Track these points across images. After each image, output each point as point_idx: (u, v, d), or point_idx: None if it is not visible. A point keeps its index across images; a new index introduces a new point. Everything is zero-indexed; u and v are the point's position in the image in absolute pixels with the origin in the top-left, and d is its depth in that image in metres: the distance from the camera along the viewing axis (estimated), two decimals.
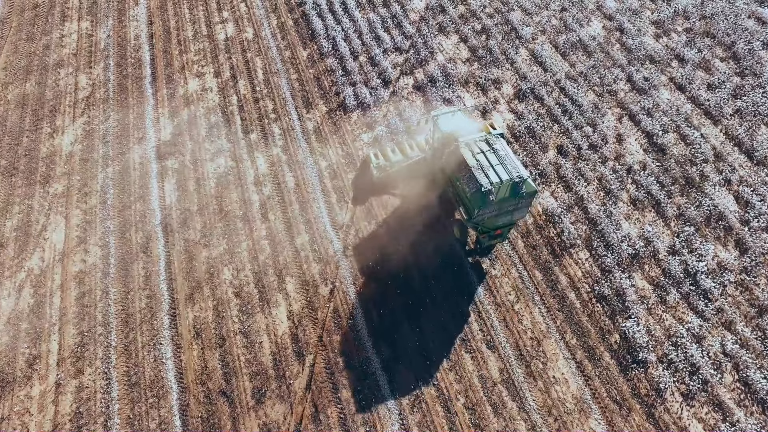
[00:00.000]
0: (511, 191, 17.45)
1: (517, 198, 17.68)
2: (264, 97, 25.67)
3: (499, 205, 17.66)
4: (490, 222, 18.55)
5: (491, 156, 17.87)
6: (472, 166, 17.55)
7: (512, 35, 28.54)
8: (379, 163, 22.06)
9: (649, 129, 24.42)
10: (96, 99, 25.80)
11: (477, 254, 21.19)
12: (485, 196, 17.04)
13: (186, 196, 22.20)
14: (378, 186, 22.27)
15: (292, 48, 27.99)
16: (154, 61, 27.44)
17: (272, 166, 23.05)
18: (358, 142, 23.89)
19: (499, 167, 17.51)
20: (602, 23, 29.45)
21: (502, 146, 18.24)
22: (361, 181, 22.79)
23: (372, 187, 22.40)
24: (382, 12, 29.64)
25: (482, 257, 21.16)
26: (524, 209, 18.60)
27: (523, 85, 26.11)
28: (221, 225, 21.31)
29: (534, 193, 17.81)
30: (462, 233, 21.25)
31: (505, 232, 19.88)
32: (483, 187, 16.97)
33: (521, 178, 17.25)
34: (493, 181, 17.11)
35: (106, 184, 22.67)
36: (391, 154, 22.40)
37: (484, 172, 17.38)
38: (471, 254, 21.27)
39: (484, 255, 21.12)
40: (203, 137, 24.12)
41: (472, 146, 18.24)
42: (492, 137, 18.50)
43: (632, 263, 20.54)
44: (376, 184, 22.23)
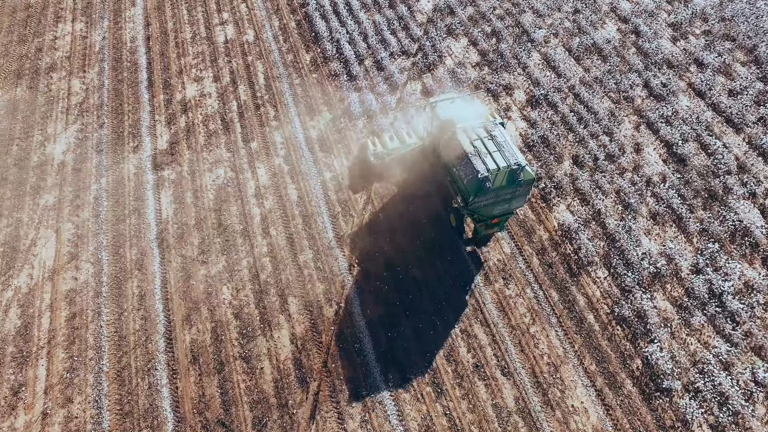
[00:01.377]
0: (508, 179, 17.02)
1: (514, 186, 17.23)
2: (265, 104, 24.38)
3: (495, 192, 17.23)
4: (487, 210, 18.06)
5: (489, 143, 17.47)
6: (468, 152, 17.14)
7: (524, 38, 27.19)
8: (377, 151, 21.44)
9: (668, 138, 23.14)
10: (90, 105, 24.50)
11: (474, 244, 20.39)
12: (482, 183, 16.60)
13: (183, 209, 20.96)
14: (375, 174, 21.51)
15: (294, 51, 26.66)
16: (151, 65, 26.11)
17: (274, 177, 21.79)
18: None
19: (496, 154, 17.14)
20: (617, 25, 28.10)
21: (500, 133, 17.82)
22: (358, 168, 22.07)
23: (369, 175, 21.66)
24: (388, 13, 28.29)
25: (479, 247, 20.37)
26: (522, 198, 18.10)
27: (536, 91, 24.79)
28: (220, 240, 20.08)
29: (532, 181, 17.37)
30: (458, 221, 20.42)
31: (503, 222, 19.19)
32: (479, 173, 16.53)
33: (519, 166, 16.83)
34: (490, 167, 16.74)
35: (100, 195, 21.41)
36: (388, 142, 21.76)
37: (481, 159, 16.98)
38: (467, 243, 20.48)
39: (482, 245, 20.37)
40: (201, 146, 22.84)
41: (470, 132, 17.85)
42: (490, 124, 18.07)
43: (653, 282, 19.31)
44: (372, 172, 21.48)
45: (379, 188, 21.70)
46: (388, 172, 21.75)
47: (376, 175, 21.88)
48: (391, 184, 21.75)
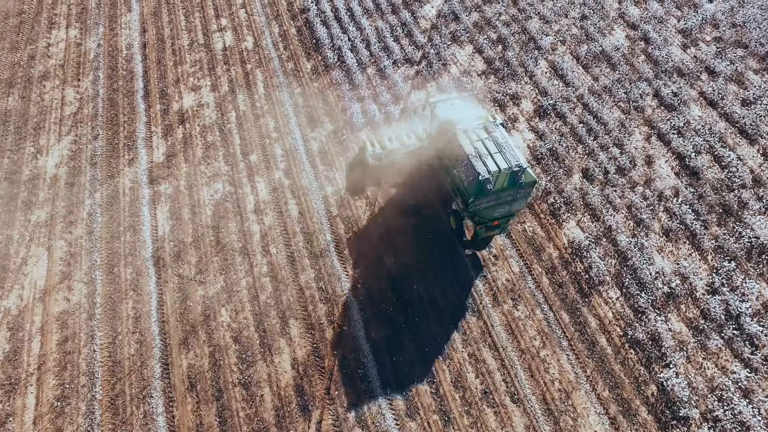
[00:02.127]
0: (509, 181, 16.72)
1: (515, 188, 16.91)
2: (265, 114, 23.51)
3: (496, 194, 16.88)
4: (487, 213, 17.67)
5: (489, 144, 17.19)
6: (469, 153, 16.83)
7: (530, 45, 26.33)
8: (375, 152, 20.80)
9: (680, 150, 22.32)
10: (84, 115, 23.62)
11: (474, 247, 19.74)
12: (482, 185, 16.33)
13: (180, 225, 20.13)
14: (374, 176, 20.92)
15: (295, 59, 25.78)
16: (147, 74, 25.22)
17: (274, 192, 20.95)
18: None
19: (497, 155, 16.85)
20: (625, 32, 27.25)
21: (501, 134, 17.53)
22: (357, 170, 21.44)
23: (367, 177, 21.05)
24: (391, 19, 27.41)
25: (479, 250, 19.67)
26: (523, 200, 17.77)
27: (544, 100, 23.95)
28: (218, 259, 19.26)
29: (533, 183, 17.08)
30: (458, 224, 19.83)
31: (503, 224, 18.75)
32: (480, 175, 16.25)
33: (520, 167, 16.53)
34: (491, 169, 16.45)
35: (94, 211, 20.56)
36: (387, 142, 21.11)
37: (481, 160, 16.68)
38: (467, 247, 19.81)
39: (481, 248, 19.68)
40: (199, 159, 21.99)
41: (470, 134, 17.53)
42: (491, 125, 17.80)
43: (667, 303, 18.54)
44: (371, 174, 20.91)
45: (378, 191, 21.02)
46: (387, 173, 21.04)
47: (375, 177, 21.15)
48: (390, 186, 21.06)
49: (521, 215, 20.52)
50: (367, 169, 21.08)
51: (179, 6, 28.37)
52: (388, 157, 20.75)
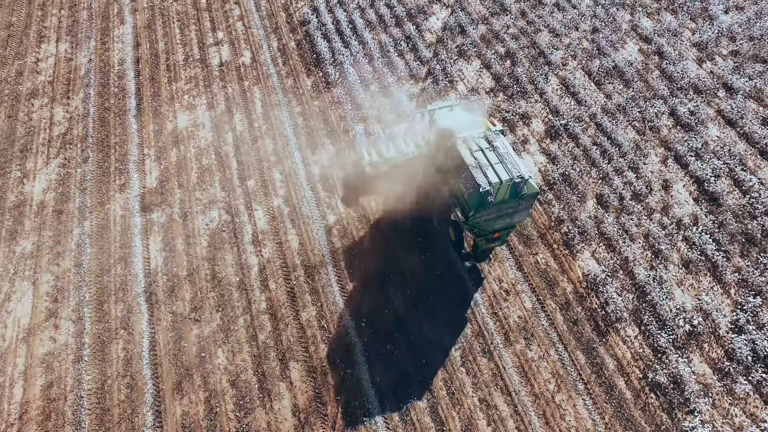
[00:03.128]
0: (511, 192, 15.96)
1: (517, 199, 16.14)
2: (263, 135, 22.24)
3: (498, 206, 16.15)
4: (488, 225, 16.94)
5: (490, 154, 16.45)
6: (469, 164, 16.13)
7: (540, 60, 25.04)
8: (372, 160, 19.79)
9: (698, 173, 21.10)
10: (73, 136, 22.32)
11: (474, 259, 18.87)
12: (483, 197, 15.60)
13: (174, 257, 18.90)
14: (371, 185, 19.95)
15: (294, 75, 24.47)
16: (140, 91, 23.90)
17: (273, 221, 19.72)
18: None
19: (498, 166, 16.13)
20: (638, 45, 25.96)
21: (502, 143, 16.79)
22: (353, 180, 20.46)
23: (364, 187, 20.07)
24: (395, 33, 26.08)
25: (479, 262, 18.90)
26: (525, 211, 17.08)
27: (555, 120, 22.71)
28: (214, 295, 18.06)
29: (536, 195, 16.42)
30: (457, 235, 18.82)
31: (504, 236, 18.01)
32: (481, 187, 15.53)
33: (522, 179, 15.78)
34: (492, 181, 15.75)
35: (83, 242, 19.32)
36: (384, 150, 20.04)
37: (482, 172, 15.97)
38: (466, 259, 18.86)
39: (481, 260, 18.89)
40: (194, 184, 20.73)
41: (470, 143, 16.78)
42: (492, 134, 17.11)
43: (689, 342, 17.41)
44: (368, 184, 19.95)
45: (376, 205, 20.06)
46: (384, 182, 19.94)
47: (373, 187, 20.11)
48: (388, 196, 19.99)
49: (534, 248, 19.34)
50: (364, 178, 20.04)
51: (174, 18, 27.02)
52: (385, 165, 19.80)
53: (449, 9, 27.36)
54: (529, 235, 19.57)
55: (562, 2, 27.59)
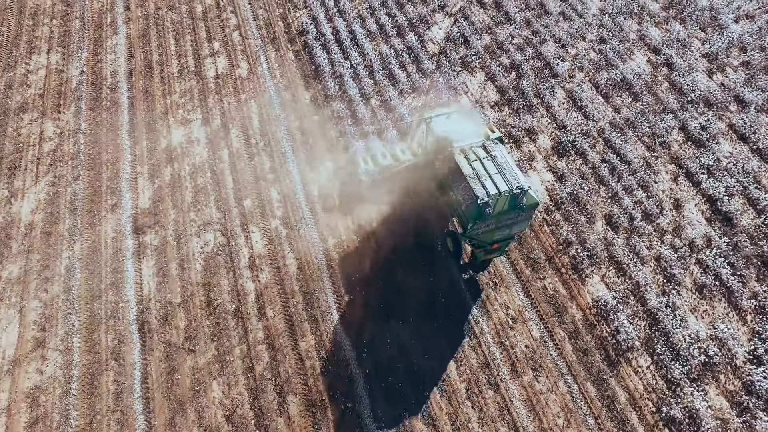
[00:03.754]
0: (510, 203, 15.53)
1: (516, 211, 15.71)
2: (260, 152, 21.37)
3: (496, 218, 15.71)
4: (487, 236, 16.51)
5: (489, 164, 15.93)
6: (467, 175, 15.66)
7: (546, 72, 24.14)
8: (368, 169, 18.94)
9: (710, 192, 20.27)
10: (64, 153, 21.42)
11: (471, 270, 18.45)
12: (481, 209, 15.15)
13: (167, 283, 18.06)
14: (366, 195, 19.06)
15: (292, 88, 23.56)
16: (133, 105, 22.99)
17: (270, 244, 18.87)
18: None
19: (497, 176, 15.66)
20: (647, 56, 25.07)
21: (500, 153, 16.34)
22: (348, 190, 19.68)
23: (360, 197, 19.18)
24: (396, 43, 25.17)
25: (477, 273, 18.42)
26: (524, 222, 16.69)
27: (563, 136, 21.86)
28: (209, 323, 17.24)
29: (535, 206, 15.95)
30: (455, 246, 18.27)
31: (503, 247, 17.60)
32: (479, 198, 15.11)
33: (521, 189, 15.34)
34: (490, 192, 15.26)
35: (72, 266, 18.46)
36: (380, 158, 19.16)
37: (480, 182, 15.50)
38: (465, 270, 18.46)
39: (480, 271, 18.47)
40: (188, 204, 19.86)
41: (468, 153, 16.30)
42: (490, 143, 16.66)
43: (705, 373, 16.63)
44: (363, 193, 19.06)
45: (374, 215, 19.39)
46: (380, 192, 19.13)
47: (369, 197, 19.29)
48: (386, 207, 19.33)
49: (542, 272, 18.52)
50: (360, 188, 19.18)
51: (169, 28, 26.07)
52: (381, 174, 18.96)
53: (452, 18, 26.45)
54: (536, 259, 18.74)
55: (568, 11, 26.69)
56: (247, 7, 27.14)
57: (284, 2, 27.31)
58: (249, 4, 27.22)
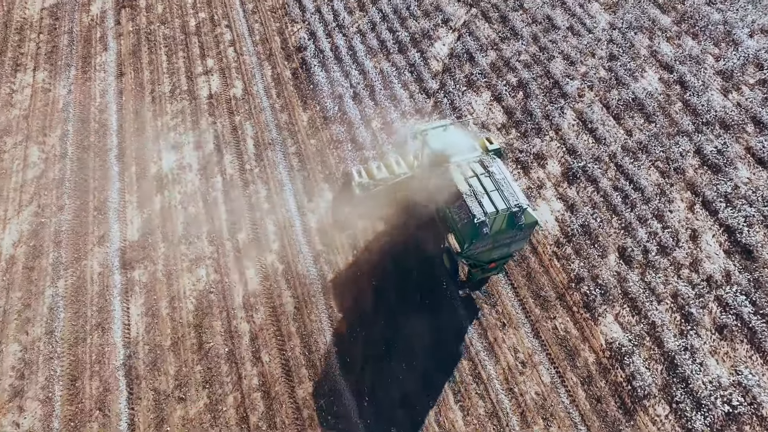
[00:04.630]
0: (508, 222, 14.78)
1: (515, 230, 14.94)
2: (255, 179, 20.17)
3: (494, 237, 14.99)
4: (484, 255, 15.80)
5: (486, 180, 15.17)
6: (464, 192, 14.93)
7: (555, 92, 22.93)
8: (362, 182, 18.29)
9: (729, 222, 19.12)
10: (49, 180, 20.21)
11: (468, 288, 17.73)
12: (478, 228, 14.39)
13: (157, 324, 16.91)
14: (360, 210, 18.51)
15: (289, 109, 22.34)
16: (123, 128, 21.74)
17: (266, 281, 17.71)
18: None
19: (494, 194, 14.87)
20: (659, 74, 23.85)
21: (498, 169, 15.53)
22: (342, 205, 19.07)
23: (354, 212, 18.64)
24: (398, 60, 23.91)
25: (474, 291, 17.73)
26: (522, 241, 15.95)
27: (573, 161, 20.69)
28: (201, 368, 16.09)
29: (534, 224, 15.12)
30: (452, 263, 17.70)
31: (501, 265, 16.99)
32: (476, 217, 14.33)
33: (520, 208, 14.58)
34: (487, 210, 14.47)
35: (56, 305, 17.30)
36: (375, 171, 18.59)
37: (477, 200, 14.72)
38: (462, 287, 17.75)
39: (477, 288, 17.79)
40: (179, 237, 18.67)
41: (465, 168, 15.54)
42: (488, 158, 15.83)
43: (728, 425, 15.55)
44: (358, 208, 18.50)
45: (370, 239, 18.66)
46: (375, 206, 18.47)
47: (364, 212, 18.64)
48: (380, 221, 18.74)
49: (552, 311, 17.39)
50: (354, 202, 18.44)
51: (161, 44, 24.79)
52: (376, 187, 18.26)
53: (456, 33, 25.21)
54: (546, 297, 17.62)
55: (577, 26, 25.44)
56: (242, 21, 25.88)
57: (281, 16, 26.05)
58: (244, 18, 25.96)
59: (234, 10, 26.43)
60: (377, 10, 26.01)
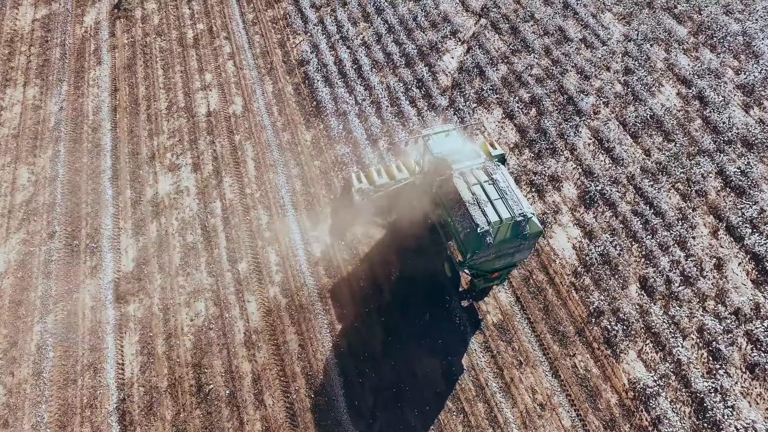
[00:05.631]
0: (512, 232, 14.21)
1: (519, 239, 14.37)
2: (257, 204, 18.97)
3: (497, 247, 14.37)
4: (487, 265, 15.27)
5: (489, 188, 14.66)
6: (466, 200, 14.42)
7: (569, 109, 21.73)
8: (362, 187, 17.82)
9: (755, 249, 18.02)
10: (39, 205, 18.99)
11: (470, 297, 17.11)
12: (481, 238, 13.89)
13: (153, 363, 15.74)
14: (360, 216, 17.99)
15: (292, 128, 21.11)
16: (117, 148, 20.51)
17: (268, 317, 16.54)
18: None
19: (498, 202, 14.37)
20: (676, 88, 22.65)
21: (502, 176, 15.02)
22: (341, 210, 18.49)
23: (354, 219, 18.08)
24: (405, 75, 22.65)
25: (477, 301, 17.05)
26: (527, 251, 15.35)
27: (590, 184, 19.53)
28: (200, 413, 14.94)
29: (539, 234, 14.54)
30: (453, 272, 17.18)
31: (504, 275, 16.38)
32: (479, 227, 13.87)
33: (525, 217, 14.07)
34: (491, 220, 14.02)
35: (44, 343, 16.11)
36: (376, 177, 18.08)
37: (480, 209, 14.26)
38: (464, 296, 17.11)
39: (480, 298, 17.12)
40: (177, 267, 17.49)
41: (468, 176, 14.99)
42: (491, 165, 15.31)
43: None
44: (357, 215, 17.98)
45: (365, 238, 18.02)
46: (376, 213, 17.96)
47: (363, 218, 18.02)
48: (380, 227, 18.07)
49: (572, 348, 16.26)
50: (354, 209, 17.98)
51: (157, 57, 23.50)
52: (376, 193, 17.73)
53: (465, 45, 23.97)
54: (564, 332, 16.50)
55: (590, 38, 24.20)
56: (242, 32, 24.60)
57: (283, 27, 24.77)
58: (244, 30, 24.68)
59: (233, 21, 25.15)
60: (382, 21, 24.75)
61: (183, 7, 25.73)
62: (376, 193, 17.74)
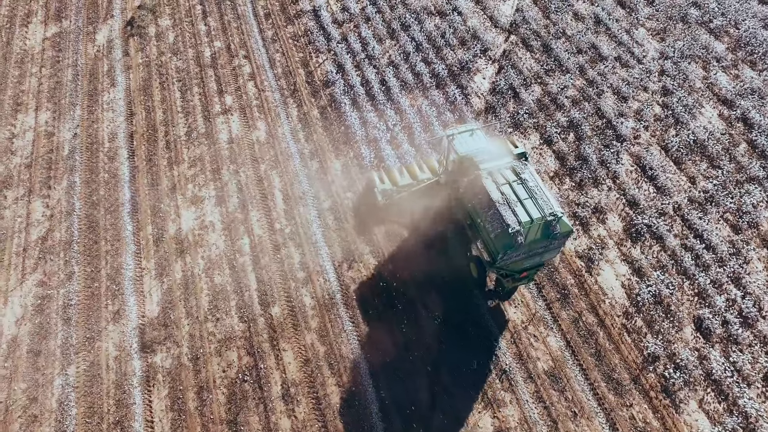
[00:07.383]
0: (543, 232, 13.86)
1: (549, 239, 14.00)
2: (287, 241, 17.68)
3: (528, 247, 14.04)
4: (516, 265, 14.89)
5: (519, 188, 14.29)
6: (496, 200, 14.09)
7: (608, 133, 20.49)
8: (384, 188, 17.29)
9: None
10: (55, 242, 17.65)
11: (497, 297, 16.75)
12: (512, 239, 13.56)
13: (185, 421, 14.48)
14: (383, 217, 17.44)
15: (320, 155, 19.78)
16: (135, 178, 19.15)
17: (306, 366, 15.30)
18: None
19: (528, 202, 13.99)
20: (718, 109, 21.42)
21: (530, 175, 14.65)
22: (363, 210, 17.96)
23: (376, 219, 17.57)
24: (436, 97, 21.31)
25: (503, 301, 16.71)
26: (556, 250, 15.01)
27: (635, 216, 18.34)
28: None
29: (569, 233, 14.18)
30: (480, 272, 16.63)
31: (532, 274, 15.95)
32: (510, 227, 13.53)
33: (555, 216, 13.70)
34: (522, 220, 13.68)
35: (66, 398, 14.85)
36: (398, 177, 17.56)
37: (511, 209, 13.91)
38: (490, 297, 16.71)
39: (506, 298, 16.82)
40: (205, 312, 16.22)
41: (496, 175, 14.63)
42: (519, 164, 14.93)
43: None
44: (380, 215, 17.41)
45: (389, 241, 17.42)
46: (398, 213, 17.35)
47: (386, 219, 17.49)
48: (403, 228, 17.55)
49: (628, 397, 15.10)
50: (377, 210, 17.35)
51: (174, 78, 22.06)
52: (399, 193, 17.17)
53: (496, 65, 22.64)
54: (619, 380, 15.36)
55: (625, 56, 22.91)
56: (261, 50, 23.17)
57: (304, 45, 23.36)
58: (264, 48, 23.24)
59: (252, 38, 23.71)
60: (409, 38, 23.37)
61: (198, 23, 24.27)
62: (398, 194, 17.20)
